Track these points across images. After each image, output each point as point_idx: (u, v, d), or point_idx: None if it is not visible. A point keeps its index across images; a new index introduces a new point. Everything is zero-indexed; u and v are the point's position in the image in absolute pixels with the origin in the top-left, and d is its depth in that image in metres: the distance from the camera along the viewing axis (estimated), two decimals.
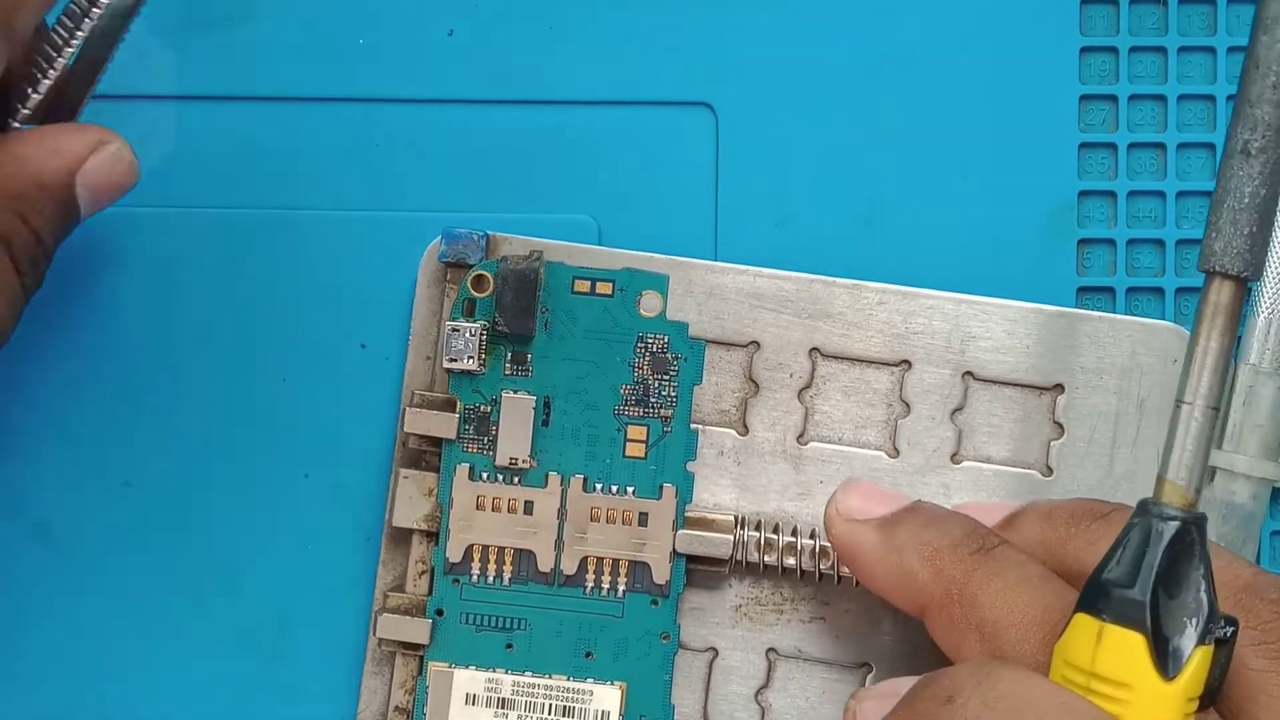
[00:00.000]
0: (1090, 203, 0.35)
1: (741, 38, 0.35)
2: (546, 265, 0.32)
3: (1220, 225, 0.23)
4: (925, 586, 0.28)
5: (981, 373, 0.33)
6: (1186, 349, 0.24)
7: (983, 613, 0.26)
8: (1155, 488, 0.24)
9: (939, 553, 0.28)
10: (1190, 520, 0.24)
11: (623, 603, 0.32)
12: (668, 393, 0.32)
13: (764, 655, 0.33)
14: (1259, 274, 0.24)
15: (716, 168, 0.35)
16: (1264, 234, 0.24)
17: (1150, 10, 0.35)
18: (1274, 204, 0.23)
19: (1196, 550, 0.24)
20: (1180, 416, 0.24)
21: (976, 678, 0.24)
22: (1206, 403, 0.24)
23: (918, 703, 0.25)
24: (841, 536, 0.30)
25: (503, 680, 0.32)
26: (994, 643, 0.26)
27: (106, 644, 0.34)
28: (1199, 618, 0.23)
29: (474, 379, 0.32)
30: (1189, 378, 0.24)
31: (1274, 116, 0.23)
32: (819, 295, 0.33)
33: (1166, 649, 0.23)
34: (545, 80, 0.35)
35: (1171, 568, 0.23)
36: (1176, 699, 0.23)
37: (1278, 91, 0.23)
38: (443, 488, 0.32)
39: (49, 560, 0.35)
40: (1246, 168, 0.23)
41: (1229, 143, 0.24)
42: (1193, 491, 0.24)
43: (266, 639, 0.34)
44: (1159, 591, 0.23)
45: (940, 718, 0.24)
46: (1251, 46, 0.23)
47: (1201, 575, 0.23)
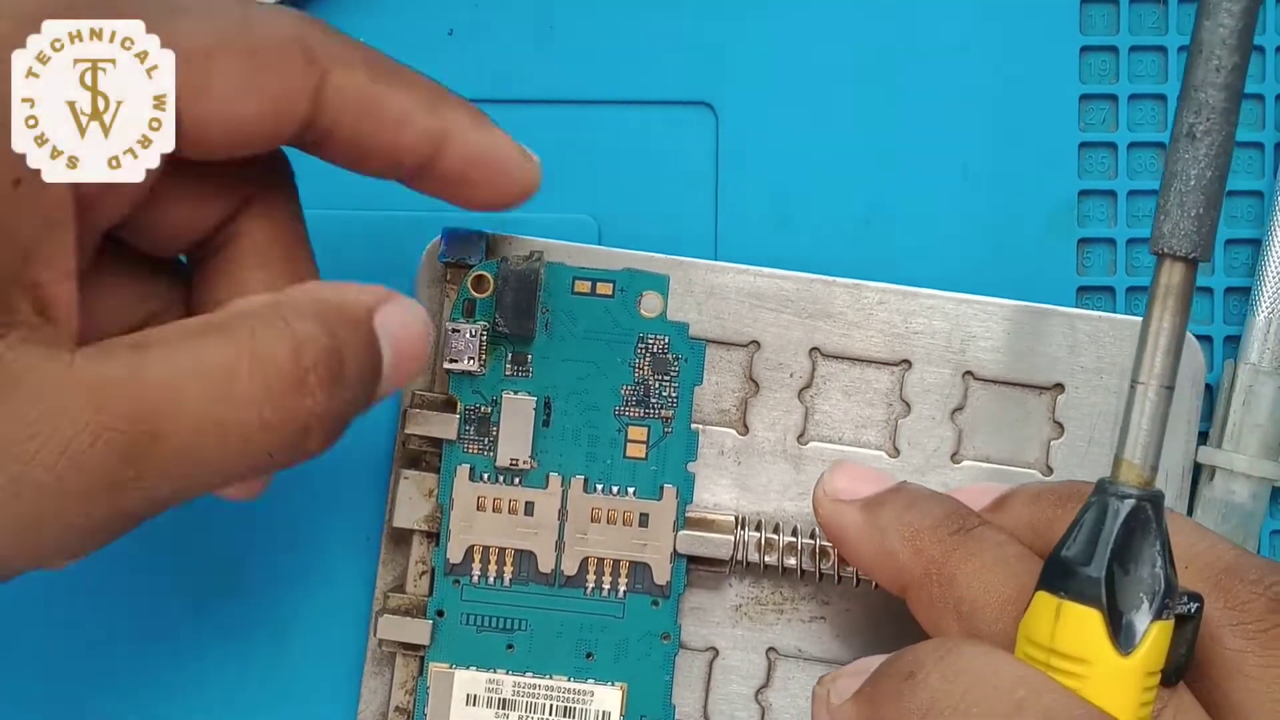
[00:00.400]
0: (1090, 202, 0.35)
1: (741, 38, 0.35)
2: (547, 265, 0.32)
3: (1168, 208, 0.24)
4: (906, 566, 0.28)
5: (981, 372, 0.33)
6: (1139, 330, 0.25)
7: (960, 592, 0.27)
8: (1113, 467, 0.25)
9: (919, 533, 0.28)
10: (1146, 498, 0.24)
11: (623, 603, 0.32)
12: (668, 393, 0.32)
13: (764, 655, 0.33)
14: (1208, 254, 0.24)
15: (716, 168, 0.35)
16: (1211, 215, 0.24)
17: (1150, 10, 0.35)
18: (1220, 186, 0.24)
19: (1153, 528, 0.24)
20: (1135, 396, 0.25)
21: (939, 653, 0.25)
22: (1160, 382, 0.25)
23: (881, 680, 0.25)
24: (828, 516, 0.30)
25: (503, 681, 0.32)
26: (970, 621, 0.27)
27: (106, 644, 0.34)
28: (1156, 593, 0.24)
29: (474, 379, 0.32)
30: (1143, 358, 0.25)
31: (1218, 100, 0.23)
32: (819, 295, 0.33)
33: (1120, 624, 0.24)
34: (545, 80, 0.35)
35: (1127, 544, 0.24)
36: (1134, 674, 0.23)
37: (1220, 75, 0.23)
38: (443, 488, 0.32)
39: None
40: (1192, 150, 0.24)
41: (1175, 127, 0.24)
42: (1149, 470, 0.24)
43: (266, 639, 0.34)
44: (1114, 568, 0.24)
45: (902, 692, 0.24)
46: (1195, 32, 0.24)
47: (1158, 551, 0.24)
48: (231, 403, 0.25)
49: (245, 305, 0.26)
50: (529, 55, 0.35)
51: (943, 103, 0.34)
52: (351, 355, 0.26)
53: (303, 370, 0.25)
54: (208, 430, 0.25)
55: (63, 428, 0.23)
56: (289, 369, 0.25)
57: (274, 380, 0.25)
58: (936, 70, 0.34)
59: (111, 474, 0.24)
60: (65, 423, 0.23)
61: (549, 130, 0.34)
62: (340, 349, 0.26)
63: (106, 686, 0.34)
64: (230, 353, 0.25)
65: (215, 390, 0.25)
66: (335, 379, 0.26)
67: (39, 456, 0.23)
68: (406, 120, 0.28)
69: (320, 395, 0.26)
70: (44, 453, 0.23)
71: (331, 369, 0.26)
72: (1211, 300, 0.34)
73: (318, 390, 0.26)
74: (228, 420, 0.25)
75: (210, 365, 0.25)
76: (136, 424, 0.24)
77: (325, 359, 0.26)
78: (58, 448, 0.23)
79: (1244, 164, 0.34)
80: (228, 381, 0.25)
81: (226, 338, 0.25)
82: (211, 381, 0.25)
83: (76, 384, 0.24)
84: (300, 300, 0.26)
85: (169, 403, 0.24)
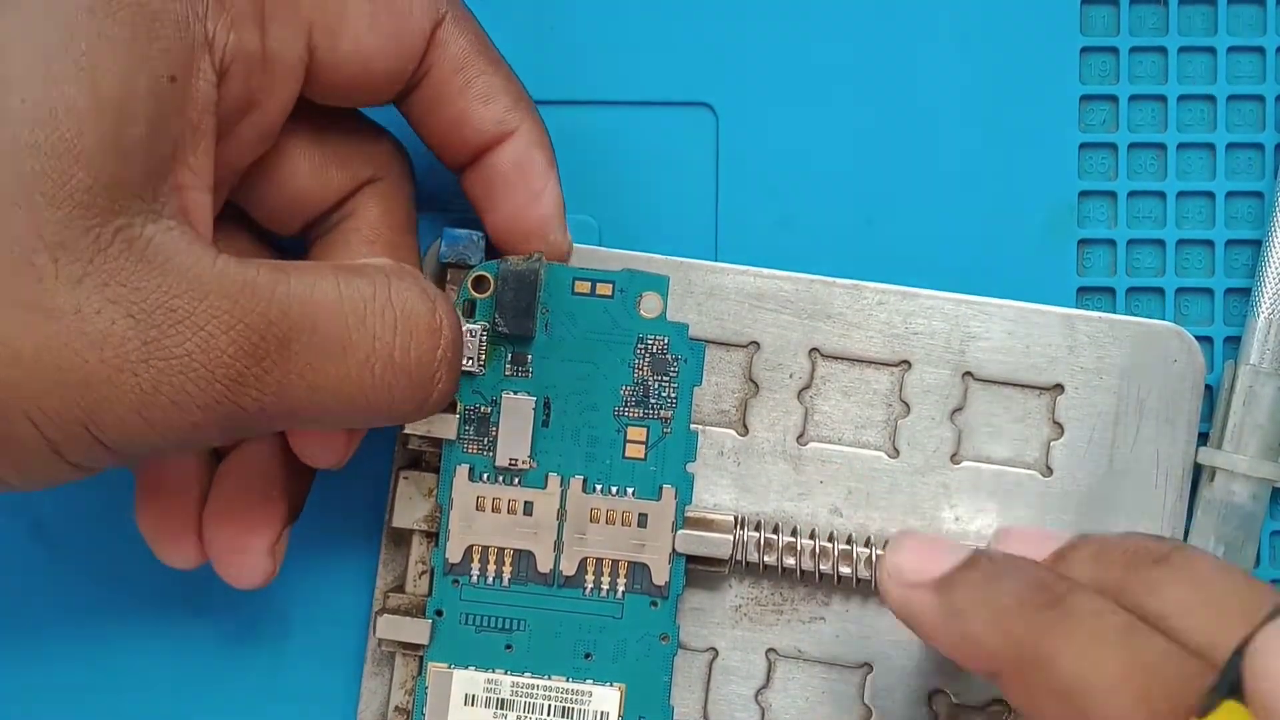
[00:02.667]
0: (1090, 203, 0.35)
1: (741, 38, 0.35)
2: (546, 266, 0.32)
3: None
4: (995, 652, 0.25)
5: (981, 373, 0.33)
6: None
7: (1063, 676, 0.24)
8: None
9: (1005, 613, 0.25)
10: None
11: (622, 604, 0.32)
12: (667, 394, 0.32)
13: (764, 655, 0.33)
14: None
15: (716, 168, 0.35)
16: None
17: (1150, 10, 0.35)
18: None
19: None
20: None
21: None
22: None
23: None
24: (897, 604, 0.27)
25: (502, 681, 0.32)
26: (1078, 707, 0.23)
27: (106, 644, 0.34)
28: None
29: (474, 380, 0.32)
30: None
31: None
32: (819, 295, 0.33)
33: None
34: (545, 80, 0.35)
35: None
36: None
37: None
38: (443, 488, 0.32)
39: (49, 560, 0.35)
40: None
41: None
42: None
43: (266, 639, 0.34)
44: None
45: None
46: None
47: None
48: (362, 331, 0.27)
49: (375, 260, 0.29)
50: (529, 55, 0.35)
51: (943, 103, 0.34)
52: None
53: (438, 320, 0.28)
54: (334, 349, 0.27)
55: (199, 311, 0.25)
56: (426, 317, 0.28)
57: (411, 322, 0.28)
58: (936, 70, 0.34)
59: (235, 366, 0.25)
60: (203, 308, 0.25)
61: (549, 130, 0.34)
62: (456, 315, 0.29)
63: (107, 686, 0.34)
64: (369, 290, 0.27)
65: (349, 315, 0.27)
66: (460, 337, 0.29)
67: (174, 330, 0.25)
68: (490, 97, 0.30)
69: (451, 347, 0.28)
70: (179, 329, 0.25)
71: (458, 327, 0.29)
72: (1211, 301, 0.34)
73: (450, 340, 0.28)
74: (356, 346, 0.27)
75: (349, 294, 0.27)
76: (270, 326, 0.26)
77: (454, 316, 0.29)
78: (192, 328, 0.25)
79: (1244, 164, 0.34)
80: (362, 312, 0.27)
81: (364, 277, 0.27)
82: (347, 309, 0.27)
83: (220, 277, 0.25)
84: (413, 271, 0.29)
85: (303, 316, 0.26)
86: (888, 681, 0.33)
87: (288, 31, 0.28)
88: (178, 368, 0.25)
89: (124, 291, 0.25)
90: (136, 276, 0.25)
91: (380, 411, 0.28)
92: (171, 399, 0.25)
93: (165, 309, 0.25)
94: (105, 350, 0.24)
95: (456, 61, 0.30)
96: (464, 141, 0.31)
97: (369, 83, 0.29)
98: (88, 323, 0.24)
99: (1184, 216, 0.34)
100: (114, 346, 0.24)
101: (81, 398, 0.24)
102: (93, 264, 0.24)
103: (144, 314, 0.25)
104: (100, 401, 0.25)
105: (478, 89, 0.30)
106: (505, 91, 0.31)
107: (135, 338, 0.25)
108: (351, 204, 0.31)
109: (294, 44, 0.28)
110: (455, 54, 0.30)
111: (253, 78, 0.27)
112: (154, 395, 0.25)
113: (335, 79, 0.29)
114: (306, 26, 0.28)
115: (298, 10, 0.28)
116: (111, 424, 0.25)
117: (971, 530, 0.33)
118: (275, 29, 0.27)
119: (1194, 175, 0.34)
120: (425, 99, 0.30)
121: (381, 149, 0.31)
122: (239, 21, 0.27)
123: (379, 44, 0.29)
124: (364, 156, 0.31)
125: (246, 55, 0.27)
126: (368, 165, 0.31)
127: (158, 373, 0.25)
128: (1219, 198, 0.34)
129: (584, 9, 0.35)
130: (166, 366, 0.25)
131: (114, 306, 0.24)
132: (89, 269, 0.24)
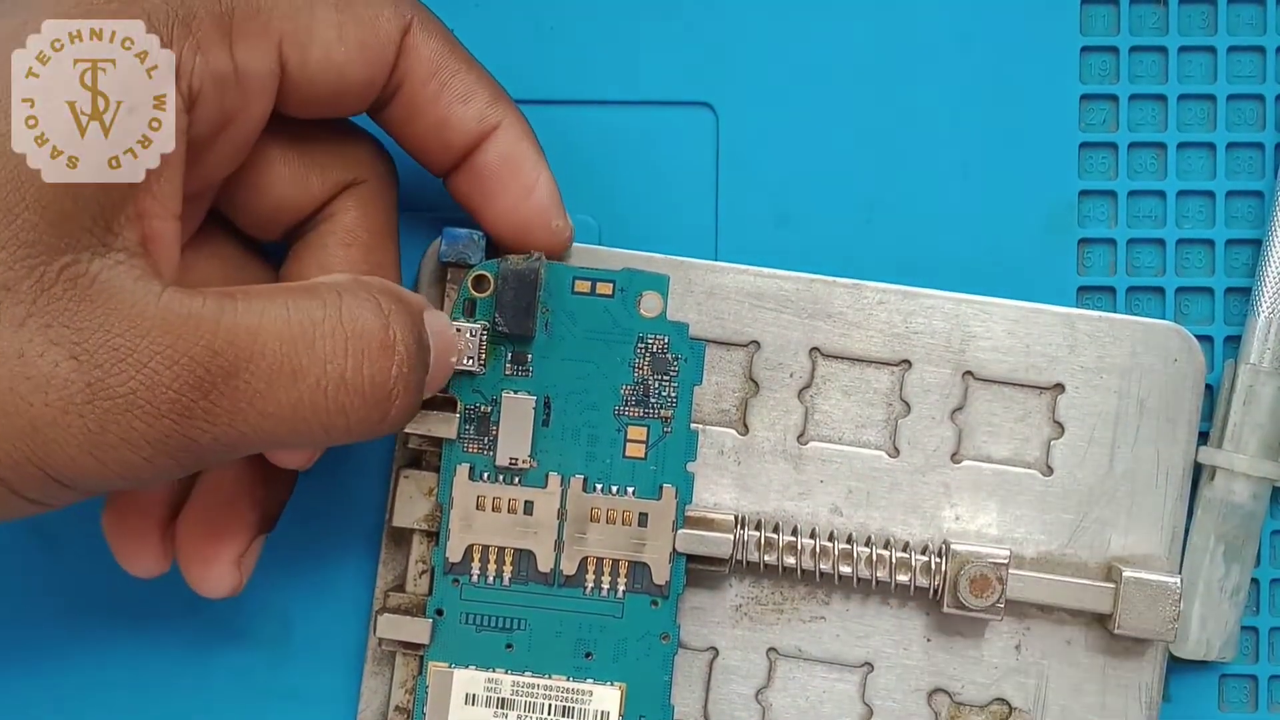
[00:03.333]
0: (1090, 203, 0.35)
1: (741, 38, 0.35)
2: (546, 265, 0.32)
3: None
4: None
5: (981, 372, 0.33)
6: None
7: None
8: None
9: None
10: None
11: (622, 603, 0.32)
12: (668, 393, 0.32)
13: (764, 655, 0.33)
14: None
15: (716, 168, 0.35)
16: None
17: (1150, 10, 0.35)
18: None
19: None
20: None
21: None
22: None
23: None
24: None
25: (502, 680, 0.32)
26: None
27: (106, 644, 0.34)
28: None
29: (474, 379, 0.32)
30: None
31: None
32: (819, 295, 0.33)
33: None
34: (545, 80, 0.35)
35: None
36: None
37: None
38: (443, 488, 0.32)
39: (49, 560, 0.35)
40: None
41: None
42: None
43: (267, 639, 0.34)
44: None
45: None
46: None
47: None
48: (312, 355, 0.26)
49: (329, 278, 0.29)
50: (529, 55, 0.35)
51: (943, 103, 0.34)
52: (423, 338, 0.29)
53: (391, 336, 0.27)
54: (283, 376, 0.26)
55: (142, 348, 0.25)
56: (378, 334, 0.27)
57: (362, 341, 0.27)
58: (936, 70, 0.34)
59: (182, 401, 0.25)
60: (145, 344, 0.25)
61: (549, 130, 0.34)
62: (418, 327, 0.28)
63: (107, 686, 0.34)
64: (318, 311, 0.27)
65: (297, 340, 0.26)
66: (420, 347, 0.28)
67: (117, 369, 0.25)
68: (469, 97, 0.30)
69: (406, 361, 0.28)
70: (121, 367, 0.25)
71: (416, 339, 0.28)
72: (1211, 300, 0.34)
73: (405, 356, 0.28)
74: (306, 371, 0.26)
75: (296, 318, 0.27)
76: (215, 358, 0.25)
77: (411, 329, 0.28)
78: (135, 366, 0.25)
79: (1244, 164, 0.34)
80: (311, 335, 0.26)
81: (314, 298, 0.27)
82: (296, 333, 0.26)
83: (162, 312, 0.25)
84: (375, 283, 0.28)
85: (249, 345, 0.26)
86: (888, 680, 0.33)
87: (257, 46, 0.27)
88: (123, 406, 0.25)
89: (67, 333, 0.25)
90: (80, 316, 0.25)
91: (338, 432, 0.27)
92: (120, 437, 0.25)
93: (108, 348, 0.25)
94: (50, 393, 0.25)
95: (429, 66, 0.30)
96: (448, 144, 0.30)
97: (343, 93, 0.29)
98: (31, 366, 0.24)
99: (1184, 216, 0.34)
100: (58, 389, 0.25)
101: (30, 440, 0.25)
102: (36, 305, 0.24)
103: (87, 354, 0.25)
104: (49, 443, 0.25)
105: (455, 90, 0.30)
106: (482, 87, 0.30)
107: (79, 379, 0.25)
108: (331, 208, 0.31)
109: (265, 58, 0.28)
110: (427, 57, 0.30)
111: (226, 97, 0.27)
112: (102, 435, 0.25)
113: (308, 91, 0.29)
114: (276, 39, 0.28)
115: (267, 24, 0.27)
116: (63, 464, 0.25)
117: (972, 529, 0.33)
118: (244, 45, 0.27)
119: (1194, 175, 0.34)
120: (403, 108, 0.30)
121: (361, 152, 0.31)
122: (206, 43, 0.26)
123: (349, 53, 0.29)
124: (344, 161, 0.31)
125: (217, 76, 0.27)
126: (348, 169, 0.31)
127: (103, 413, 0.25)
128: (1219, 197, 0.34)
129: (584, 9, 0.35)
130: (112, 406, 0.25)
131: (57, 349, 0.25)
132: (32, 310, 0.24)
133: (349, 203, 0.31)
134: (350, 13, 0.28)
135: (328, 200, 0.31)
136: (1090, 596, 0.32)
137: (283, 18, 0.28)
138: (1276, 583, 0.34)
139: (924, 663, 0.33)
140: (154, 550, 0.31)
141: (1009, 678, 0.33)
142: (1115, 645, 0.32)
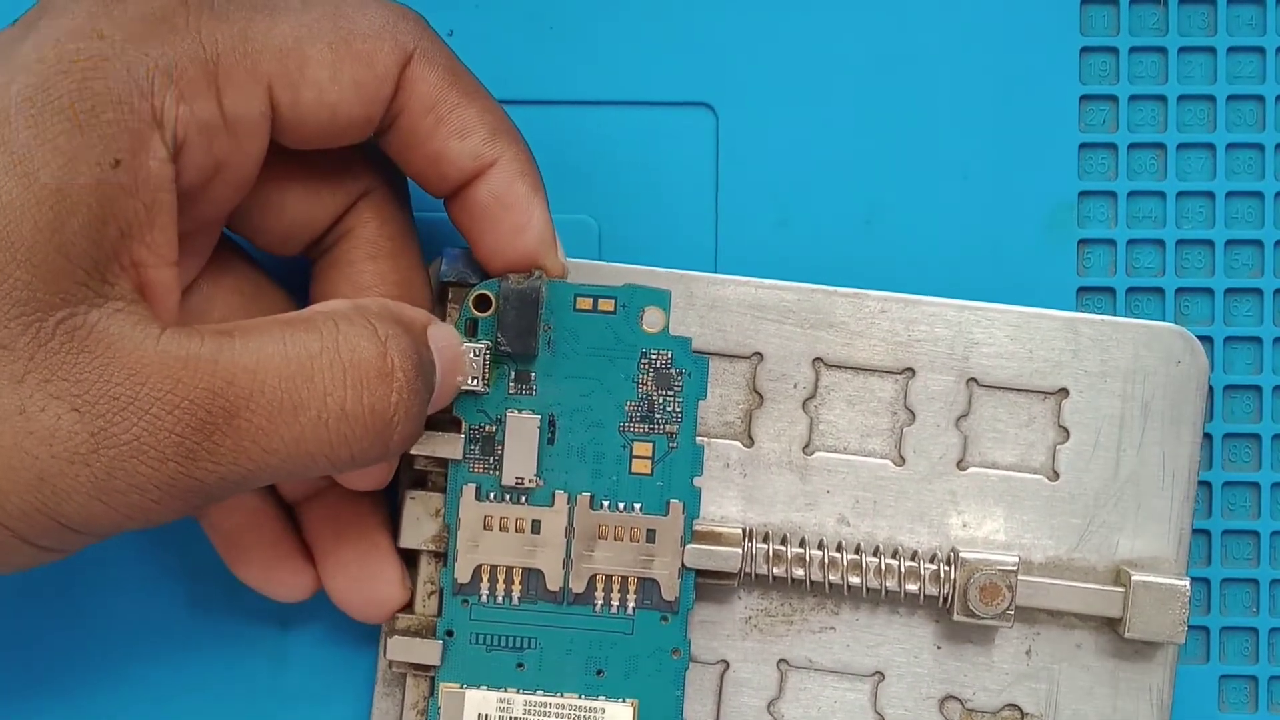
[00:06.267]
0: (1090, 203, 0.34)
1: (741, 38, 0.34)
2: (547, 283, 0.31)
3: None
4: None
5: (985, 378, 0.33)
6: None
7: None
8: None
9: None
10: None
11: (632, 620, 0.32)
12: (672, 408, 0.32)
13: (775, 666, 0.33)
14: None
15: (716, 168, 0.35)
16: None
17: (1150, 10, 0.34)
18: None
19: None
20: None
21: None
22: None
23: None
24: None
25: (514, 700, 0.32)
26: None
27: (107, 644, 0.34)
28: None
29: (478, 399, 0.32)
30: None
31: None
32: (821, 305, 0.33)
33: None
34: (545, 80, 0.34)
35: None
36: None
37: None
38: (449, 508, 0.32)
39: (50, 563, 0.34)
40: None
41: None
42: None
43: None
44: None
45: None
46: None
47: None
48: (311, 389, 0.26)
49: (326, 307, 0.28)
50: (529, 55, 0.35)
51: (943, 104, 0.34)
52: (425, 359, 0.29)
53: (390, 364, 0.27)
54: (284, 412, 0.26)
55: (142, 396, 0.25)
56: (375, 362, 0.27)
57: (360, 371, 0.27)
58: (936, 71, 0.34)
59: (185, 444, 0.25)
60: (145, 391, 0.25)
61: (549, 130, 0.34)
62: (419, 349, 0.28)
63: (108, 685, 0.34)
64: (315, 344, 0.27)
65: (295, 376, 0.26)
66: (419, 373, 0.28)
67: (119, 417, 0.25)
68: (466, 133, 0.30)
69: (406, 387, 0.27)
70: (123, 415, 0.25)
71: (416, 364, 0.28)
72: (1211, 301, 0.34)
73: (404, 382, 0.27)
74: (306, 405, 0.26)
75: (294, 353, 0.27)
76: (214, 399, 0.26)
77: (410, 353, 0.28)
78: (137, 413, 0.25)
79: (1244, 165, 0.34)
80: (309, 369, 0.26)
81: (311, 331, 0.27)
82: (294, 369, 0.26)
83: (160, 358, 0.25)
84: (374, 306, 0.28)
85: (248, 384, 0.26)
86: (899, 689, 0.33)
87: (246, 91, 0.27)
88: (128, 453, 0.25)
89: (66, 385, 0.25)
90: (79, 368, 0.25)
91: (342, 462, 0.27)
92: (127, 483, 0.25)
93: (109, 398, 0.25)
94: (54, 445, 0.25)
95: (427, 100, 0.29)
96: (442, 177, 0.30)
97: (337, 130, 0.29)
98: (33, 421, 0.25)
99: (1184, 216, 0.34)
100: (62, 441, 0.25)
101: (38, 491, 0.25)
102: (34, 360, 0.25)
103: (88, 405, 0.25)
104: (58, 493, 0.25)
105: (451, 125, 0.30)
106: (481, 124, 0.30)
107: (82, 430, 0.25)
108: (348, 221, 0.31)
109: (254, 102, 0.27)
110: (425, 92, 0.29)
111: (215, 143, 0.27)
112: (109, 481, 0.25)
113: (302, 131, 0.28)
114: (265, 83, 0.27)
115: (255, 68, 0.27)
116: (74, 512, 0.25)
117: (979, 536, 0.33)
118: (232, 91, 0.27)
119: (1194, 175, 0.34)
120: (400, 139, 0.30)
121: (368, 161, 0.31)
122: (190, 92, 0.26)
123: (343, 93, 0.28)
124: (352, 172, 0.31)
125: (203, 124, 0.26)
126: (357, 180, 0.31)
127: (109, 461, 0.25)
128: (1219, 198, 0.34)
129: (584, 9, 0.35)
130: (117, 454, 0.25)
131: (58, 402, 0.25)
132: (30, 366, 0.25)
133: (366, 215, 0.31)
134: (346, 50, 0.28)
135: (343, 213, 0.31)
136: (1100, 601, 0.32)
137: (272, 60, 0.27)
138: (1276, 583, 0.34)
139: (935, 670, 0.33)
140: (299, 570, 0.32)
141: (1020, 683, 0.33)
142: (1125, 648, 0.33)
